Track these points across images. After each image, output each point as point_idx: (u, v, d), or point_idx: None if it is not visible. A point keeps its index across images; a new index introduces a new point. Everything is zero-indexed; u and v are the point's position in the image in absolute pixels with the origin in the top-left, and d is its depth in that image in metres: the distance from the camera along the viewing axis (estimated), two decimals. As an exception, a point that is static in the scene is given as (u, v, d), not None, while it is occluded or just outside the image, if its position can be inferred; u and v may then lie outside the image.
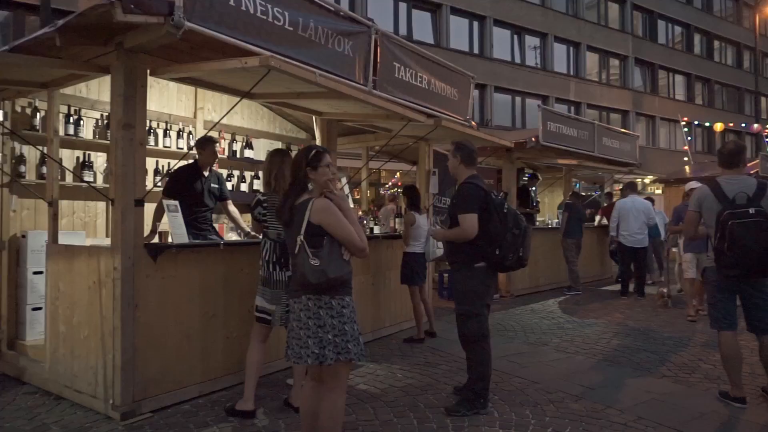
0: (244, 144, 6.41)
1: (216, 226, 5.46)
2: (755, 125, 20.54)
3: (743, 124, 24.26)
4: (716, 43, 31.40)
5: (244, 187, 6.47)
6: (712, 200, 3.98)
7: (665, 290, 7.99)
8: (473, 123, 6.41)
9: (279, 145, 6.65)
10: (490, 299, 4.05)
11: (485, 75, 20.33)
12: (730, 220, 3.78)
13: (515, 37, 22.41)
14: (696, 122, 22.17)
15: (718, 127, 19.50)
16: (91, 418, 3.54)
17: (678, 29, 29.53)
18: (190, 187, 4.68)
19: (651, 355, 5.32)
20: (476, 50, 21.08)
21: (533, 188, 10.53)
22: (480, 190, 3.86)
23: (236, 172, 6.43)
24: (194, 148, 4.82)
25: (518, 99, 22.24)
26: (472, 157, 4.05)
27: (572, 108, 23.55)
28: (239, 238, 5.31)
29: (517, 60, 22.44)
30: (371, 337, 5.73)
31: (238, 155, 6.35)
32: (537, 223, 10.45)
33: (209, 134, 4.93)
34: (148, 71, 3.63)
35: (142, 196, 3.56)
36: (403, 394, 4.14)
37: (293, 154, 3.52)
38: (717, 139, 28.01)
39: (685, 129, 21.01)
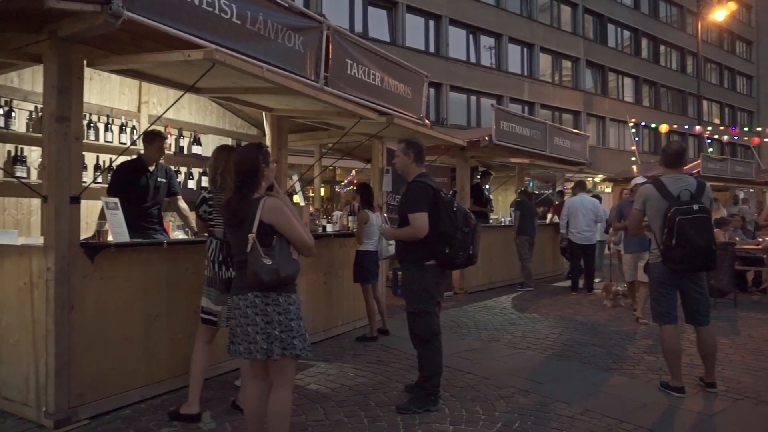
0: (191, 140, 6.23)
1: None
2: (697, 127, 21.47)
3: (686, 126, 25.33)
4: (662, 48, 32.71)
5: (191, 184, 6.28)
6: (657, 198, 4.11)
7: (619, 288, 7.89)
8: (427, 121, 6.42)
9: (228, 141, 6.51)
10: (440, 297, 4.06)
11: (441, 74, 20.53)
12: (677, 216, 3.92)
13: (471, 36, 22.71)
14: (643, 123, 23.01)
15: (664, 128, 20.32)
16: (21, 427, 3.34)
17: (627, 33, 30.60)
18: (134, 183, 4.50)
19: (598, 349, 5.46)
20: (432, 49, 21.24)
21: (487, 186, 10.66)
22: (430, 188, 3.86)
23: (183, 169, 6.24)
24: (141, 142, 4.63)
25: (473, 98, 22.56)
26: (423, 155, 4.06)
27: (526, 108, 24.04)
28: (186, 237, 5.15)
29: (473, 60, 22.75)
30: (323, 336, 5.67)
31: (185, 151, 6.17)
32: (491, 221, 10.60)
33: (158, 129, 4.76)
34: (85, 62, 3.45)
35: (78, 193, 3.38)
36: (354, 393, 4.10)
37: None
38: (663, 140, 29.15)
39: (633, 130, 21.74)
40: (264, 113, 5.36)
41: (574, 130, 12.01)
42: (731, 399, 4.02)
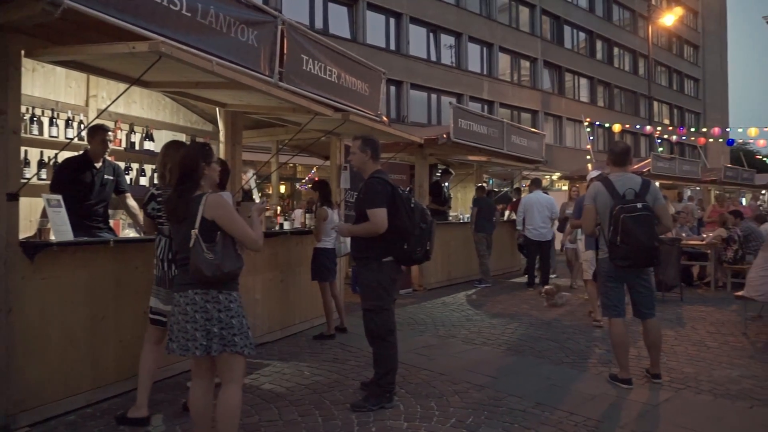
0: (144, 135, 6.05)
1: (111, 222, 5.11)
2: (648, 127, 22.27)
3: (637, 126, 26.21)
4: (616, 50, 33.73)
5: (143, 181, 6.09)
6: (605, 195, 4.23)
7: (550, 287, 7.69)
8: (385, 118, 6.43)
9: (182, 137, 6.34)
10: (396, 293, 4.07)
11: (401, 72, 20.59)
12: (621, 214, 4.04)
13: (431, 35, 22.85)
14: (597, 123, 23.67)
15: (617, 128, 20.99)
16: (-44, 437, 3.18)
17: (582, 35, 31.41)
18: (78, 179, 4.33)
19: (552, 343, 5.58)
20: (393, 47, 21.28)
21: (446, 184, 10.75)
22: (387, 185, 3.87)
23: (135, 165, 6.05)
24: (85, 138, 4.47)
25: (434, 96, 22.71)
26: (379, 152, 4.06)
27: (485, 107, 24.36)
28: (137, 235, 4.99)
29: (433, 58, 22.90)
30: (280, 335, 5.60)
31: (137, 147, 5.98)
32: (450, 218, 10.69)
33: (101, 122, 4.59)
34: (23, 52, 3.29)
35: (16, 190, 3.23)
36: (309, 392, 4.07)
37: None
38: (616, 139, 30.07)
39: (588, 129, 22.39)
40: (217, 109, 5.25)
41: (531, 129, 12.24)
42: (674, 389, 4.18)
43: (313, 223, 6.03)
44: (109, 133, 4.50)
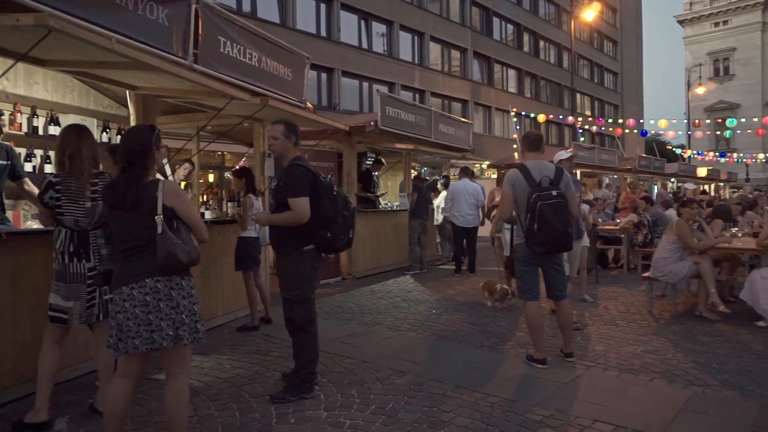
0: (48, 119, 5.63)
1: (10, 213, 4.74)
2: (570, 118, 23.24)
3: (561, 117, 27.31)
4: (542, 43, 34.91)
5: (49, 168, 5.68)
6: (523, 182, 4.35)
7: (505, 288, 6.94)
8: (309, 105, 6.30)
9: (93, 122, 5.97)
10: (317, 283, 4.01)
11: (332, 58, 20.36)
12: (538, 201, 4.16)
13: (362, 22, 22.70)
14: (523, 113, 24.44)
15: (541, 118, 21.76)
16: None
17: (510, 27, 32.26)
18: (-35, 166, 3.97)
19: (474, 327, 5.72)
20: (324, 33, 20.97)
21: (376, 173, 10.75)
22: (309, 172, 3.79)
23: (39, 152, 5.63)
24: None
25: (365, 84, 22.63)
26: (299, 137, 3.98)
27: (417, 95, 24.56)
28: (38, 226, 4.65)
29: (365, 45, 22.78)
30: (201, 329, 5.41)
31: (40, 132, 5.56)
32: (380, 206, 10.72)
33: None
34: None
35: None
36: (228, 385, 3.96)
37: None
38: (542, 129, 31.24)
39: (515, 119, 23.07)
40: (127, 92, 4.94)
41: (459, 118, 12.43)
42: (585, 366, 4.39)
43: (236, 211, 5.86)
44: (2, 117, 4.13)
